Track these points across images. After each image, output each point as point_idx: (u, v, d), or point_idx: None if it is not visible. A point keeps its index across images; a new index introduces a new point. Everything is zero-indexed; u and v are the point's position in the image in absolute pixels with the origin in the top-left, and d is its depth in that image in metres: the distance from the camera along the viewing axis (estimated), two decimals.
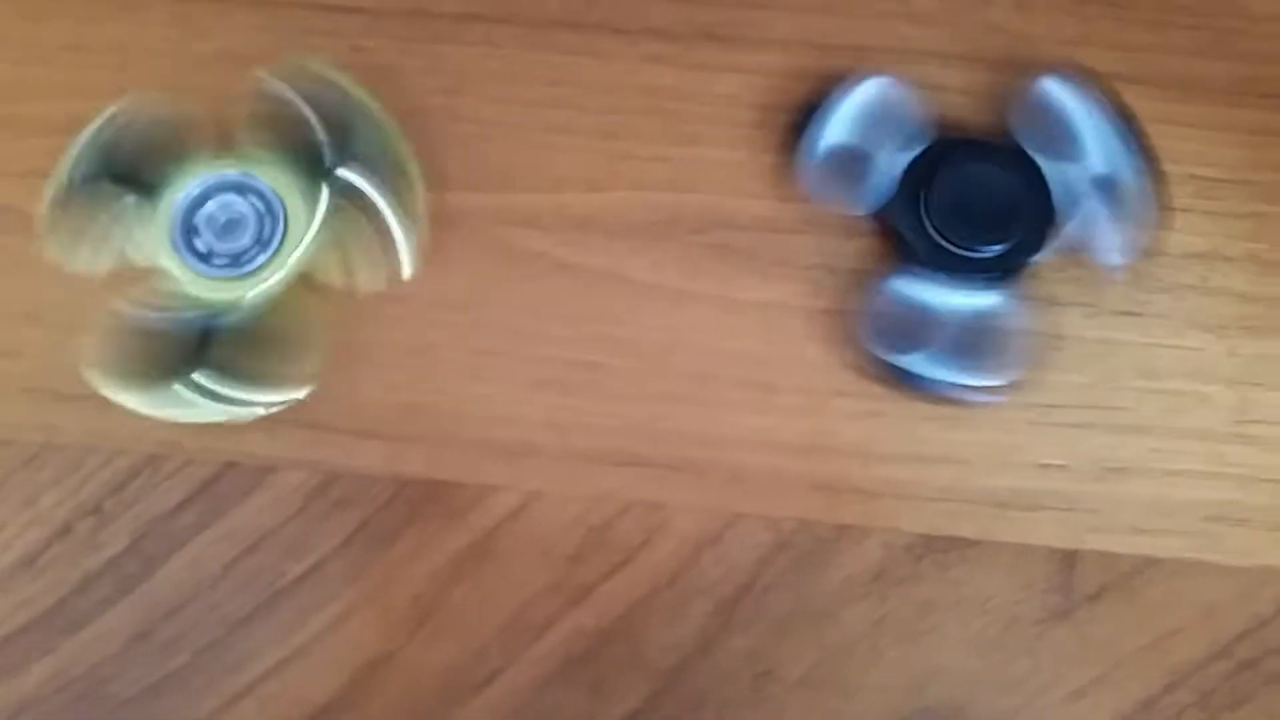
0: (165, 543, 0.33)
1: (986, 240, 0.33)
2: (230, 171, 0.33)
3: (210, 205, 0.33)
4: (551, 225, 0.35)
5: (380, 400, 0.34)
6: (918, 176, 0.33)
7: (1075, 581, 0.33)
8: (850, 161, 0.34)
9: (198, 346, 0.32)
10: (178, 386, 0.32)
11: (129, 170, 0.33)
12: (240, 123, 0.34)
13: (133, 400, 0.32)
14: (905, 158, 0.34)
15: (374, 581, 0.33)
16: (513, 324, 0.35)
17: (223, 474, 0.34)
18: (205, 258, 0.33)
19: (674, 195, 0.35)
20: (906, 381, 0.33)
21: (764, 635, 0.33)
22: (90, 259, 0.33)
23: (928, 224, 0.33)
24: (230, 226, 0.33)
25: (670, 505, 0.33)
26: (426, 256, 0.34)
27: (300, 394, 0.33)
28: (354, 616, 0.33)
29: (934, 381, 0.33)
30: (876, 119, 0.34)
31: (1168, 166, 0.34)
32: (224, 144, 0.34)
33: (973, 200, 0.33)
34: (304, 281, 0.34)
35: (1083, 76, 0.34)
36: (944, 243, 0.33)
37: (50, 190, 0.33)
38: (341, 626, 0.33)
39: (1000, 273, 0.33)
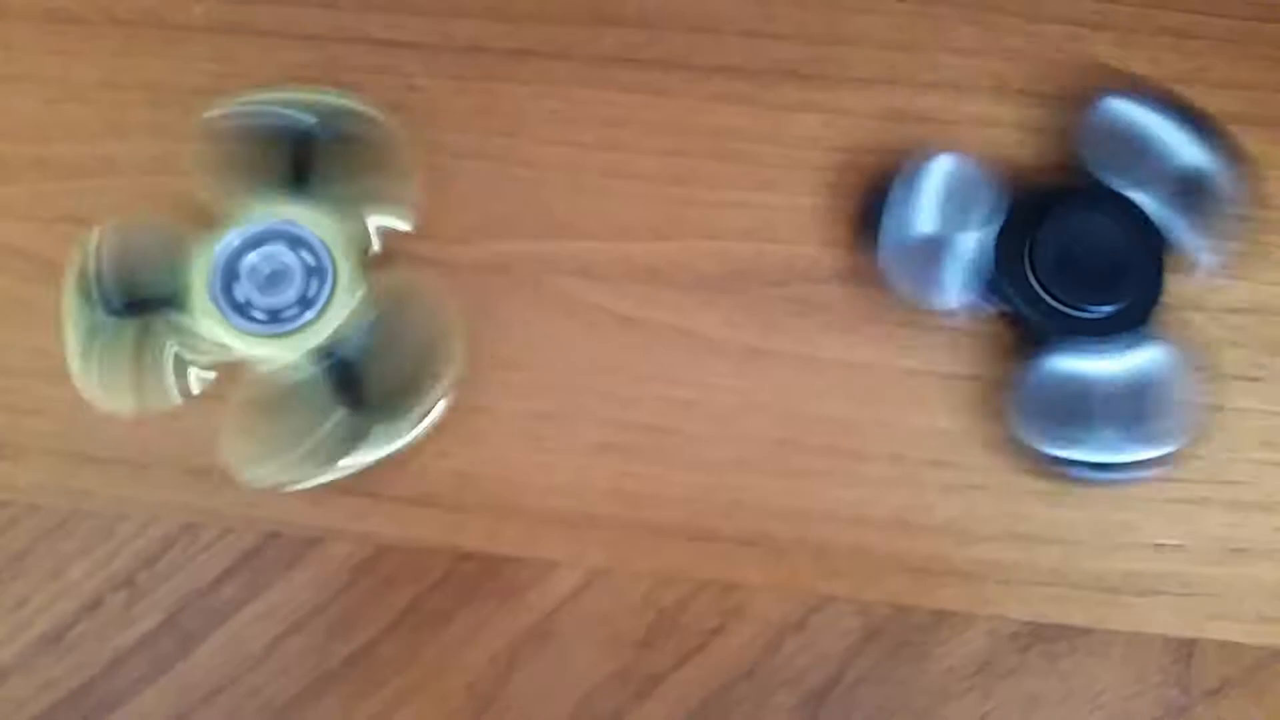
0: (203, 619, 0.31)
1: (1103, 290, 0.31)
2: (276, 221, 0.31)
3: (253, 256, 0.31)
4: (614, 276, 0.33)
5: (433, 466, 0.32)
6: (1012, 245, 0.31)
7: (1194, 675, 0.30)
8: (933, 251, 0.31)
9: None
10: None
11: (141, 292, 0.31)
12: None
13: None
14: (988, 234, 0.31)
15: (427, 667, 0.31)
16: (573, 384, 0.32)
17: (265, 545, 0.31)
18: (244, 310, 0.31)
19: (748, 244, 0.33)
20: (1073, 472, 0.30)
21: None
22: (135, 397, 0.31)
23: (1040, 291, 0.30)
24: (275, 280, 0.31)
25: (747, 586, 0.31)
26: (480, 309, 0.32)
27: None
28: (405, 705, 0.30)
29: (1102, 466, 0.30)
30: (951, 201, 0.31)
31: None
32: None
33: (1080, 255, 0.30)
34: None
35: (1144, 87, 0.32)
36: (1063, 307, 0.30)
37: (69, 342, 0.31)
38: (392, 715, 0.30)
39: (1123, 326, 0.31)
